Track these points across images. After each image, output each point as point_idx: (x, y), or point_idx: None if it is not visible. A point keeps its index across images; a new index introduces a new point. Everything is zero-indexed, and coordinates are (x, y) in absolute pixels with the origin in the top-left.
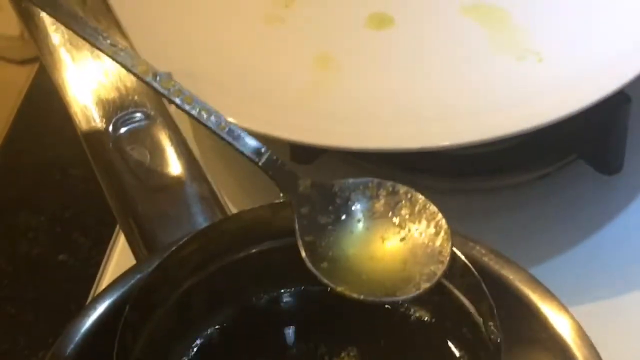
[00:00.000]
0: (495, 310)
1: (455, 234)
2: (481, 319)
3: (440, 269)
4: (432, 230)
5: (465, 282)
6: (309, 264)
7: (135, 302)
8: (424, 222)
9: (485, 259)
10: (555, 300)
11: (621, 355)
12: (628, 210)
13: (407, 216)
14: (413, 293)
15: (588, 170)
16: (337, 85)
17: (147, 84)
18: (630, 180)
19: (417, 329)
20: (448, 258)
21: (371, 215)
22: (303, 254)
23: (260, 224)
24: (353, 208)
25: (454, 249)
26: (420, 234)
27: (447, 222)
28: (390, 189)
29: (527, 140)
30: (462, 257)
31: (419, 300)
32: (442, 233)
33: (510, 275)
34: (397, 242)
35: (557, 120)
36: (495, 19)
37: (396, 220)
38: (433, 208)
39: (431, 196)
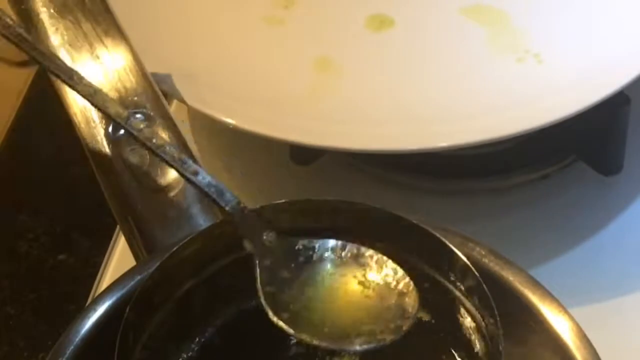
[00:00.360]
0: (495, 311)
1: (456, 235)
2: (482, 320)
3: (406, 324)
4: (397, 290)
5: (466, 283)
6: (269, 313)
7: (136, 302)
8: (390, 283)
9: (485, 260)
10: (555, 301)
11: (621, 356)
12: (628, 211)
13: (372, 278)
14: (376, 344)
15: (588, 171)
16: (336, 86)
17: (121, 126)
18: (630, 181)
19: (418, 330)
20: (414, 314)
21: (334, 274)
22: (263, 302)
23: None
24: (316, 267)
25: (455, 249)
26: (386, 294)
27: (415, 283)
28: (355, 251)
29: (527, 141)
30: (463, 258)
31: (421, 302)
32: (409, 293)
33: (510, 277)
34: (362, 299)
35: (557, 121)
36: (495, 20)
37: (360, 280)
38: (400, 271)
39: (431, 197)
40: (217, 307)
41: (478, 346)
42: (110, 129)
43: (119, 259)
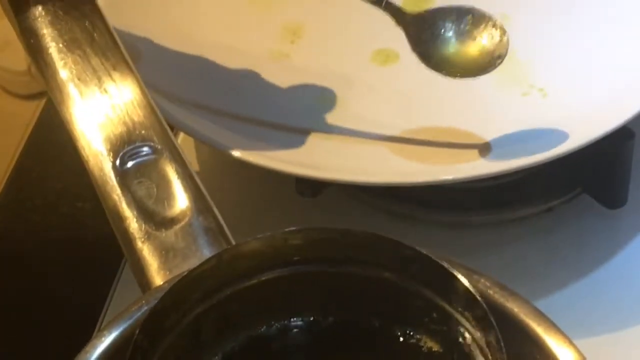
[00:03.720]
0: (502, 342)
1: (460, 267)
2: (489, 351)
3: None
4: (497, 38)
5: (472, 313)
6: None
7: (146, 325)
8: (492, 34)
9: (490, 291)
10: (560, 333)
11: None
12: (633, 243)
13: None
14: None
15: (593, 204)
16: (342, 120)
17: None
18: (635, 214)
19: None
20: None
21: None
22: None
23: (271, 252)
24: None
25: (463, 279)
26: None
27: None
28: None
29: (532, 175)
30: (471, 288)
31: (428, 331)
32: (505, 39)
33: (515, 308)
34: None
35: (561, 154)
36: None
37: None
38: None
39: (435, 230)
40: (227, 334)
41: None
42: (117, 161)
43: (126, 290)
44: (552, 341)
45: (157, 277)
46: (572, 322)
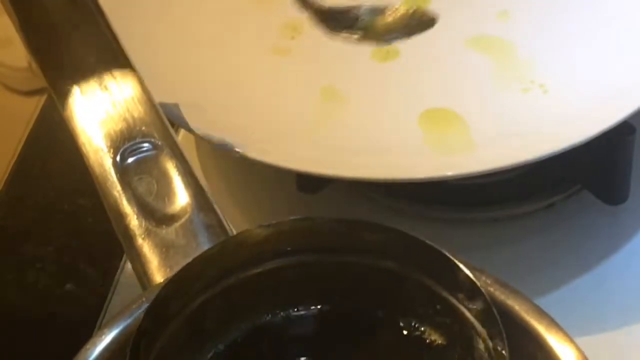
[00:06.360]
0: (504, 336)
1: (461, 264)
2: (491, 344)
3: None
4: None
5: (475, 305)
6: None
7: (150, 312)
8: None
9: (491, 289)
10: (561, 331)
11: None
12: (633, 240)
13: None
14: None
15: (593, 200)
16: (343, 115)
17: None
18: (636, 210)
19: (429, 353)
20: None
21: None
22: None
23: (275, 241)
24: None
25: (464, 269)
26: None
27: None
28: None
29: (532, 171)
30: (474, 279)
31: (432, 323)
32: None
33: (516, 306)
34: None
35: (562, 150)
36: (500, 51)
37: None
38: None
39: (436, 226)
40: (231, 323)
41: None
42: (118, 158)
43: (126, 289)
44: (553, 339)
45: (158, 274)
46: (573, 320)
